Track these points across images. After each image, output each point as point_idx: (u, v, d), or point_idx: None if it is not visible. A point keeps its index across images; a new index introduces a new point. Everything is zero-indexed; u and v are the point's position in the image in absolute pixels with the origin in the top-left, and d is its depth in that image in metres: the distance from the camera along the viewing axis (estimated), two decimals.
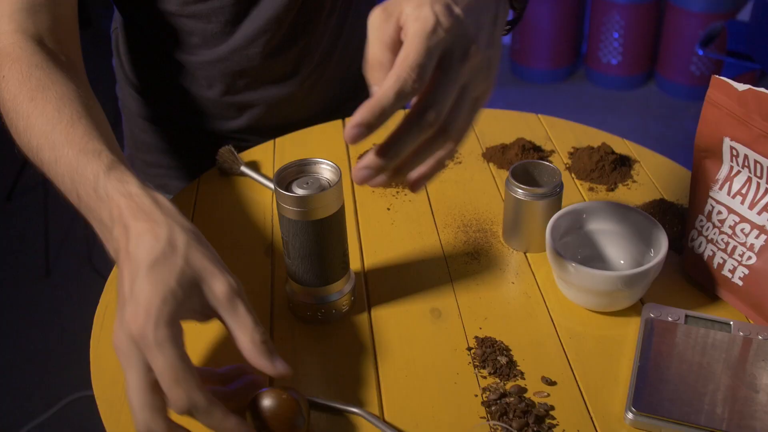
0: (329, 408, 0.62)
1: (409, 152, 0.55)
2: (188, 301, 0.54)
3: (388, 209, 0.87)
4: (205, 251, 0.56)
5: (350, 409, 0.62)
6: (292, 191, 0.63)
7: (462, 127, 0.58)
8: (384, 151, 0.54)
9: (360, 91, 1.10)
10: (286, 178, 0.65)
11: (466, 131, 0.59)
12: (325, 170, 0.65)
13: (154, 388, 0.52)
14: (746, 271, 0.69)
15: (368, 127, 0.52)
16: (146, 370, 0.52)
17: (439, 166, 0.59)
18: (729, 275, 0.71)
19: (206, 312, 0.56)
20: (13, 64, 0.70)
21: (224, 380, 0.61)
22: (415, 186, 0.60)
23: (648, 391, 0.61)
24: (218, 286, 0.55)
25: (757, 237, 0.68)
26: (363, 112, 0.51)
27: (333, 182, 0.64)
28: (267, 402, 0.58)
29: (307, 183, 0.64)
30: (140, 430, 0.52)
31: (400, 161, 0.55)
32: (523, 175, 0.79)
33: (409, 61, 0.51)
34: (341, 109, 1.09)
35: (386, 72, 0.53)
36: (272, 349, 0.56)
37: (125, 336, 0.53)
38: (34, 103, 0.67)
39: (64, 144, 0.63)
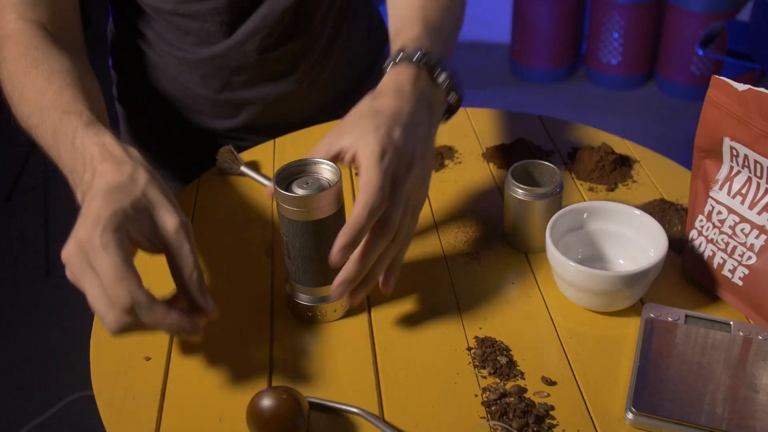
0: (329, 408, 0.62)
1: (374, 260, 0.64)
2: (138, 223, 0.58)
3: None
4: (164, 191, 0.61)
5: (350, 409, 0.62)
6: (292, 191, 0.63)
7: (408, 231, 0.67)
8: (358, 261, 0.63)
9: (357, 95, 1.10)
10: (286, 178, 0.65)
11: (411, 235, 0.69)
12: (325, 170, 0.65)
13: None
14: (746, 271, 0.69)
15: (351, 247, 0.61)
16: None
17: (397, 264, 0.68)
18: (729, 275, 0.71)
19: (154, 242, 0.60)
20: (12, 46, 0.76)
21: None
22: (386, 287, 0.68)
23: (648, 391, 0.61)
24: (170, 219, 0.59)
25: (757, 237, 0.68)
26: (344, 237, 0.61)
27: (333, 182, 0.64)
28: (267, 402, 0.58)
29: (307, 183, 0.64)
30: (113, 329, 0.55)
31: (368, 270, 0.64)
32: (523, 175, 0.79)
33: (372, 185, 0.61)
34: (338, 112, 1.09)
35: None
36: (206, 290, 0.60)
37: (74, 245, 0.56)
38: (28, 77, 0.73)
39: (50, 108, 0.69)
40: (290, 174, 0.65)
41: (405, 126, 0.66)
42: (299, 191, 0.63)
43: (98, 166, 0.61)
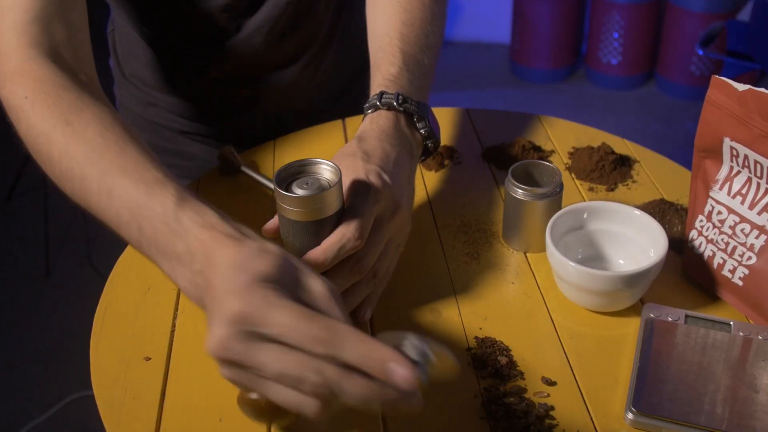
0: None
1: (342, 289, 0.64)
2: (283, 287, 0.50)
3: None
4: (299, 261, 0.53)
5: None
6: (292, 191, 0.63)
7: (387, 270, 0.69)
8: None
9: (356, 82, 1.11)
10: (286, 178, 0.65)
11: (390, 272, 0.70)
12: (325, 170, 0.65)
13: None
14: (746, 271, 0.69)
15: (316, 269, 0.59)
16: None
17: (373, 299, 0.69)
18: (729, 275, 0.71)
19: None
20: (37, 85, 0.64)
21: None
22: (360, 317, 0.69)
23: (648, 391, 0.61)
24: (316, 283, 0.52)
25: (757, 237, 0.68)
26: (311, 258, 0.61)
27: (333, 182, 0.64)
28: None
29: (307, 183, 0.64)
30: (321, 385, 0.46)
31: None
32: (523, 175, 0.79)
33: (354, 224, 0.62)
34: (341, 99, 1.10)
35: None
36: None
37: (227, 329, 0.48)
38: (71, 127, 0.61)
39: (116, 173, 0.58)
40: (290, 174, 0.65)
41: (392, 172, 0.68)
42: (299, 191, 0.63)
43: (215, 253, 0.52)
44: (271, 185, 0.65)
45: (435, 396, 0.63)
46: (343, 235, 0.62)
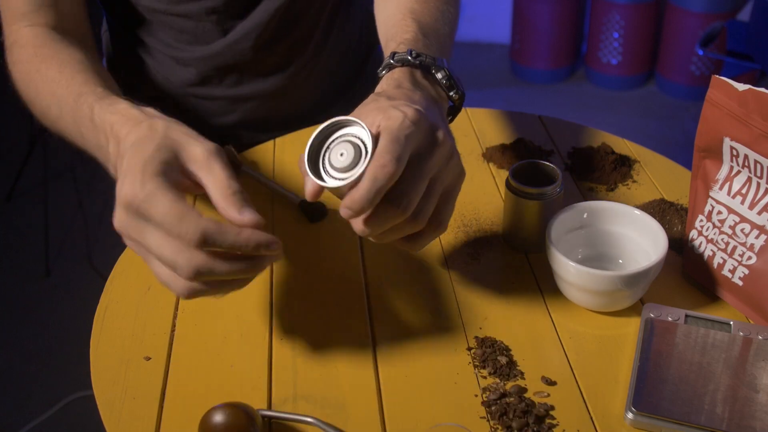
0: (283, 419, 0.62)
1: (381, 231, 0.59)
2: (169, 166, 0.56)
3: None
4: (184, 129, 0.60)
5: (304, 419, 0.61)
6: (326, 167, 0.60)
7: (438, 216, 0.62)
8: (363, 225, 0.59)
9: (350, 87, 1.10)
10: (316, 153, 0.61)
11: (444, 220, 0.63)
12: (357, 129, 0.60)
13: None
14: (746, 271, 0.69)
15: (356, 213, 0.57)
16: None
17: (419, 244, 0.64)
18: (729, 275, 0.71)
19: (190, 178, 0.58)
20: (21, 49, 0.79)
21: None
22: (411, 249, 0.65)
23: (648, 391, 0.61)
24: (195, 149, 0.58)
25: (757, 237, 0.68)
26: (347, 202, 0.56)
27: (366, 141, 0.58)
28: (219, 417, 0.58)
29: (342, 154, 0.59)
30: (189, 275, 0.54)
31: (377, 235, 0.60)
32: (523, 175, 0.79)
33: (384, 154, 0.56)
34: (334, 105, 1.09)
35: None
36: (243, 201, 0.56)
37: (122, 209, 0.55)
38: (39, 73, 0.75)
39: (65, 95, 0.70)
40: (318, 148, 0.60)
41: (423, 105, 0.62)
42: (336, 165, 0.59)
43: (120, 133, 0.60)
44: (271, 185, 0.64)
45: (435, 395, 0.64)
46: (374, 172, 0.56)
